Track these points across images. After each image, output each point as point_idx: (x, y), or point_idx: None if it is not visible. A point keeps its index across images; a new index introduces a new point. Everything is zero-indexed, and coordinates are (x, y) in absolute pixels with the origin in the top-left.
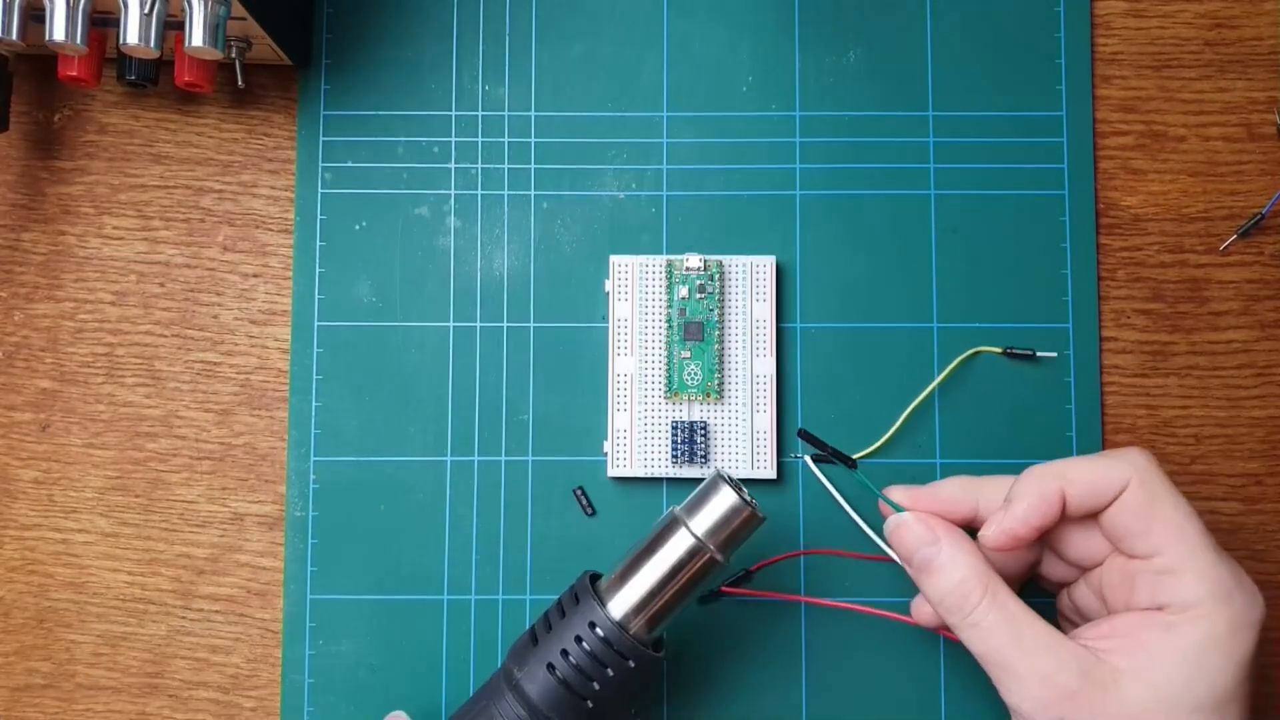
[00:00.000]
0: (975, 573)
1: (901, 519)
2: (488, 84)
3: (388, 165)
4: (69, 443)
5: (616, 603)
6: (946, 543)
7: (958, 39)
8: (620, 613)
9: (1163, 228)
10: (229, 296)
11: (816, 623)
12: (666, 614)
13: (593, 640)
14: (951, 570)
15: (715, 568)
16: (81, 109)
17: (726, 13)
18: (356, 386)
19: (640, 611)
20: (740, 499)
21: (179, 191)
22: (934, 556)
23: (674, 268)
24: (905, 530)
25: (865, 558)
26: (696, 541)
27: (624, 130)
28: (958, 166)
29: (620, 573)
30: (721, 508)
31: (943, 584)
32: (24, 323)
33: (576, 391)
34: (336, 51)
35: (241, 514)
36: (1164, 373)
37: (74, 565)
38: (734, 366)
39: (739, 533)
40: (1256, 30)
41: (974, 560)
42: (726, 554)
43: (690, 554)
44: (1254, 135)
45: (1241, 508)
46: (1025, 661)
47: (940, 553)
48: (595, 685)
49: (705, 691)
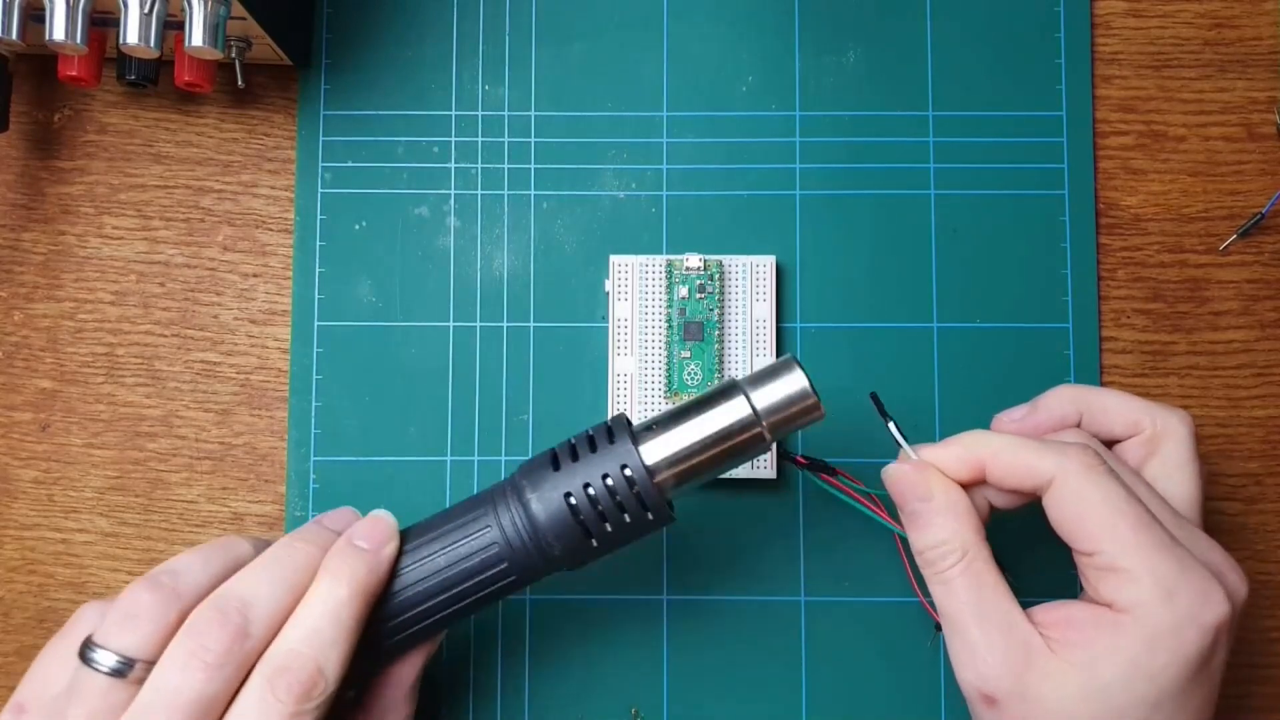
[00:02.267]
0: (957, 536)
1: (898, 469)
2: (488, 84)
3: (388, 165)
4: (69, 443)
5: (650, 449)
6: (937, 501)
7: (958, 39)
8: (652, 460)
9: (1163, 228)
10: (229, 296)
11: (816, 623)
12: (695, 476)
13: (620, 482)
14: (936, 528)
15: (759, 446)
16: (81, 109)
17: (726, 13)
18: (356, 386)
19: (673, 465)
20: (809, 385)
21: (179, 191)
22: (922, 511)
23: (674, 268)
24: (902, 479)
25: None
26: (752, 414)
27: (624, 130)
28: (958, 166)
29: (660, 421)
30: (789, 389)
31: (925, 539)
32: (24, 323)
33: (576, 391)
34: (336, 51)
35: (241, 514)
36: (1164, 373)
37: (74, 565)
38: (734, 366)
39: (796, 419)
40: (1256, 30)
41: (959, 524)
42: (774, 437)
43: (742, 425)
44: (1254, 135)
45: (1242, 508)
46: (979, 631)
47: (929, 508)
48: (607, 526)
49: (705, 690)
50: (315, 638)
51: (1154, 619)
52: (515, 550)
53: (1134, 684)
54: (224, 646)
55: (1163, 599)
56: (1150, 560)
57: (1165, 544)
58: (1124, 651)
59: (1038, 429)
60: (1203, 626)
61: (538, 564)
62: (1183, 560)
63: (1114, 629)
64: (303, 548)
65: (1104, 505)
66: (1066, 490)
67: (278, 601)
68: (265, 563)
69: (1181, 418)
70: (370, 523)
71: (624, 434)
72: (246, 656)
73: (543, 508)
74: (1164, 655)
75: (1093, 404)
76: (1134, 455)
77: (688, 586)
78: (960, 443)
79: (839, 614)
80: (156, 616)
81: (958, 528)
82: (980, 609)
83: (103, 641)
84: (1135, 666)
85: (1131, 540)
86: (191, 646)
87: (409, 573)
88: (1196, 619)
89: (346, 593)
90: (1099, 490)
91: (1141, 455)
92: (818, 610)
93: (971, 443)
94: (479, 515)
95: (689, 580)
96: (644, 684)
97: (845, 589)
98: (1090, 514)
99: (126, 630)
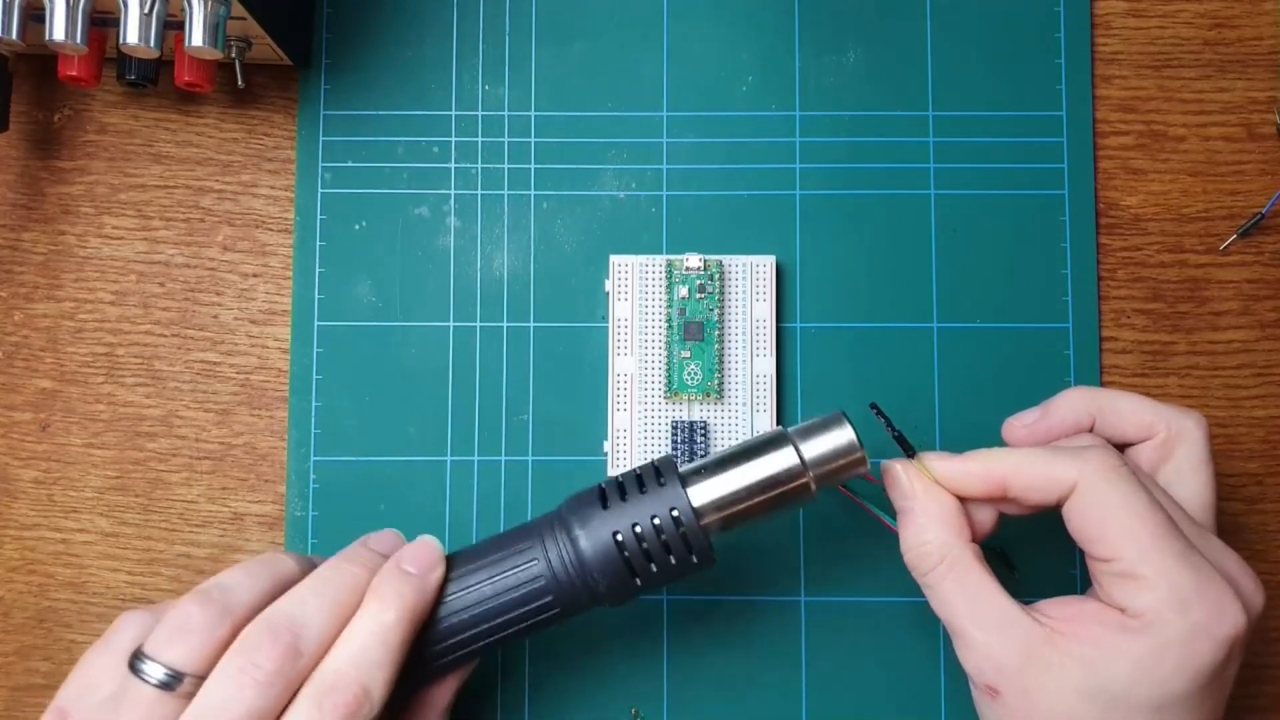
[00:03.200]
0: (937, 539)
1: (888, 465)
2: (488, 84)
3: (388, 165)
4: (69, 443)
5: (697, 492)
6: (920, 504)
7: (958, 39)
8: (699, 503)
9: (1163, 228)
10: (229, 296)
11: (816, 623)
12: (741, 521)
13: (668, 524)
14: (918, 530)
15: (804, 497)
16: (81, 109)
17: (726, 13)
18: (356, 386)
19: (720, 509)
20: (857, 439)
21: (179, 191)
22: (908, 510)
23: (674, 268)
24: (890, 476)
25: None
26: (800, 463)
27: (624, 130)
28: (958, 166)
29: (708, 466)
30: (837, 442)
31: (908, 540)
32: (24, 323)
33: (576, 391)
34: (336, 51)
35: (241, 514)
36: (1164, 373)
37: (74, 565)
38: (734, 366)
39: (841, 472)
40: (1256, 30)
41: (940, 528)
42: (819, 488)
43: (789, 474)
44: (1254, 135)
45: (1242, 508)
46: (975, 629)
47: (912, 509)
48: (652, 566)
49: (705, 691)
50: (362, 659)
51: (1167, 628)
52: (561, 584)
53: (1138, 687)
54: (275, 665)
55: (1177, 609)
56: (1168, 569)
57: (1184, 553)
58: (1130, 655)
59: (1050, 433)
60: (1215, 639)
61: (582, 599)
62: (1200, 570)
63: (1122, 631)
64: (350, 570)
65: (1124, 510)
66: (1088, 496)
67: (327, 623)
68: (314, 583)
69: (1197, 420)
70: (418, 548)
71: (672, 476)
72: (296, 675)
73: (591, 544)
74: (1172, 664)
75: (1105, 407)
76: (1148, 459)
77: (688, 586)
78: (979, 460)
79: (839, 614)
80: (207, 631)
81: (938, 530)
82: (971, 609)
83: (153, 654)
84: (1140, 671)
85: (1151, 547)
86: (242, 663)
87: (455, 600)
88: (1210, 631)
89: (394, 617)
90: (1120, 494)
91: (1155, 459)
92: (818, 610)
93: (991, 461)
94: (526, 548)
95: (689, 580)
96: (644, 684)
97: (845, 589)
98: (1111, 519)
99: (177, 643)
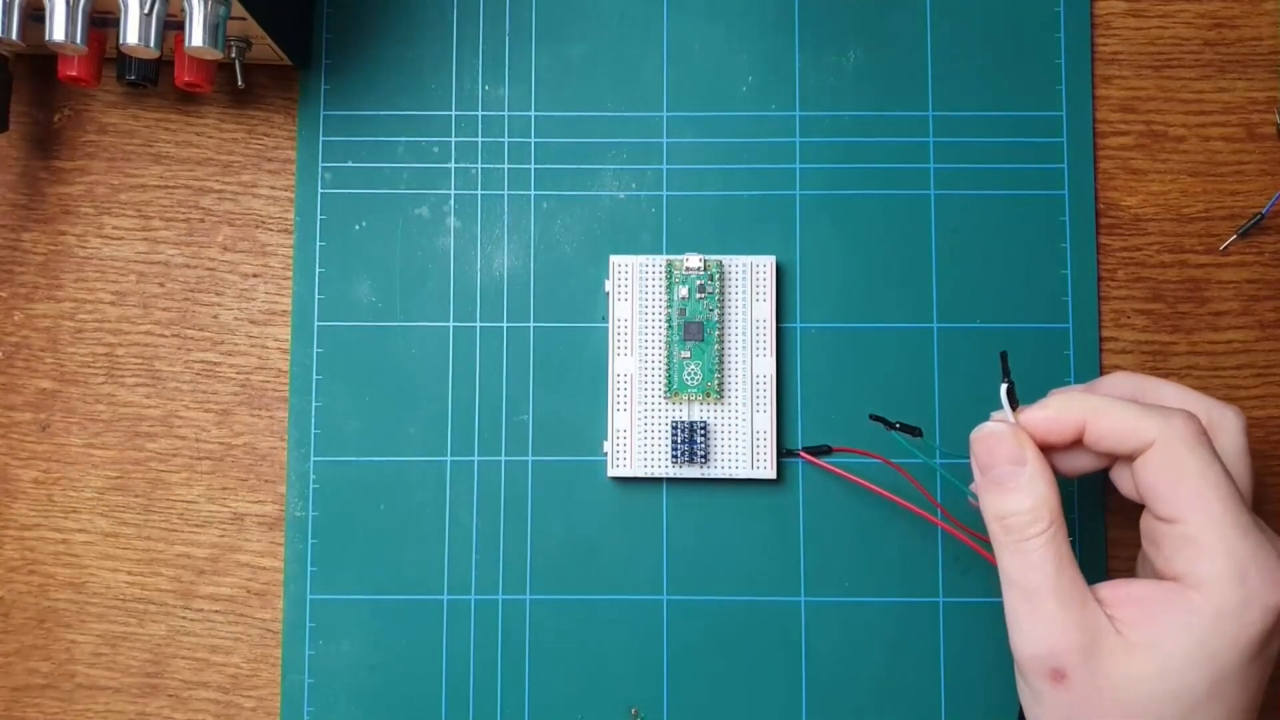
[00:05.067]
0: (1048, 504)
1: (995, 428)
2: (488, 84)
3: (388, 165)
4: (69, 443)
5: None
6: (1032, 467)
7: (958, 39)
8: None
9: (1163, 228)
10: (229, 296)
11: (816, 623)
12: None
13: None
14: (1028, 494)
15: None
16: (81, 109)
17: (726, 13)
18: (356, 386)
19: None
20: None
21: (179, 191)
22: (1014, 475)
23: (674, 268)
24: (996, 442)
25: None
26: None
27: (624, 130)
28: (958, 166)
29: None
30: None
31: (1012, 504)
32: (24, 323)
33: (576, 391)
34: (336, 51)
35: (241, 514)
36: (1164, 373)
37: (74, 565)
38: (734, 366)
39: None
40: (1256, 30)
41: (1051, 491)
42: None
43: None
44: (1254, 135)
45: None
46: (1056, 604)
47: (1022, 474)
48: None
49: (705, 691)
50: None
51: (1223, 597)
52: None
53: (1199, 663)
54: None
55: (1235, 578)
56: (1230, 539)
57: (1248, 527)
58: (1192, 630)
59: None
60: (1266, 607)
61: None
62: (1259, 543)
63: (1182, 606)
64: None
65: (1199, 478)
66: (1166, 455)
67: None
68: None
69: (1237, 412)
70: None
71: None
72: None
73: None
74: (1229, 634)
75: (1149, 391)
76: None
77: (688, 586)
78: (1058, 402)
79: (839, 614)
80: None
81: (1049, 494)
82: (1059, 582)
83: None
84: (1201, 645)
85: (1219, 517)
86: None
87: None
88: (1262, 599)
89: None
90: (1198, 461)
91: None
92: (818, 610)
93: (1070, 402)
94: None
95: (689, 580)
96: (644, 684)
97: (845, 589)
98: (1183, 483)
99: None
